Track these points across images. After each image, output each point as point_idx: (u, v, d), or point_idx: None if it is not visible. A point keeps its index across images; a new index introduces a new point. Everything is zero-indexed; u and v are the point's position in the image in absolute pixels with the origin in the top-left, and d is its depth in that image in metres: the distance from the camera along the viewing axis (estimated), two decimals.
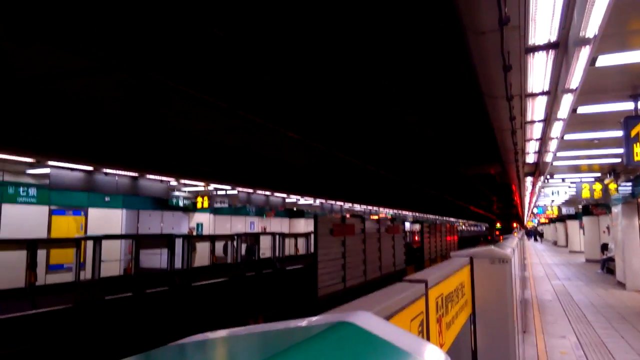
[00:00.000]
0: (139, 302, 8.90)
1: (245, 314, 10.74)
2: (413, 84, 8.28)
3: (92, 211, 14.73)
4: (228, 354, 0.61)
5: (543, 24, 4.33)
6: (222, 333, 0.68)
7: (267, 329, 0.65)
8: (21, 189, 12.53)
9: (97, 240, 8.89)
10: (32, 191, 12.80)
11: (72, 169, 10.71)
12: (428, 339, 1.42)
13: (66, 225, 13.83)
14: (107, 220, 15.33)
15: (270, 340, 0.62)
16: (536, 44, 4.80)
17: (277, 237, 14.98)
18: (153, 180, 13.65)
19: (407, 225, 31.88)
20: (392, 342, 0.58)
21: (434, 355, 0.59)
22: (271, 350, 0.50)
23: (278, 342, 0.58)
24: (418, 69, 7.57)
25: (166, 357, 0.59)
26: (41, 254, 9.06)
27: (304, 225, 27.52)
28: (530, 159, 12.19)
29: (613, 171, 12.74)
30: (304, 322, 0.67)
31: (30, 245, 7.59)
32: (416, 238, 26.52)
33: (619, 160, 10.74)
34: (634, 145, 5.84)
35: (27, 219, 12.52)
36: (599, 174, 13.91)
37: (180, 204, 18.20)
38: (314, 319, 0.68)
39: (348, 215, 17.18)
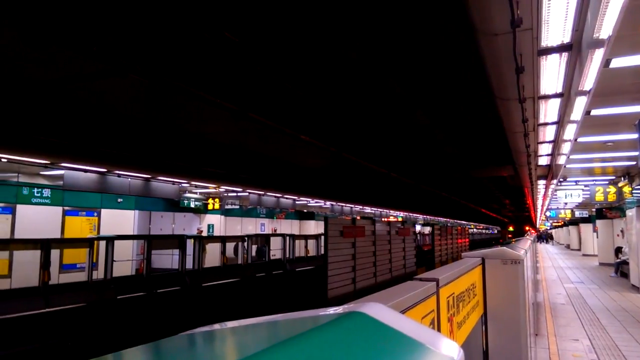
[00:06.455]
0: (151, 302, 8.98)
1: (255, 314, 10.77)
2: (425, 86, 8.26)
3: (104, 212, 14.91)
4: (242, 340, 0.62)
5: (556, 25, 4.30)
6: (235, 323, 0.69)
7: (280, 319, 0.66)
8: (35, 190, 12.72)
9: (110, 240, 8.99)
10: (46, 192, 12.99)
11: (85, 171, 10.83)
12: None
13: (79, 226, 14.00)
14: (120, 221, 15.49)
15: (283, 328, 0.63)
16: (549, 46, 4.77)
17: (288, 238, 15.01)
18: (165, 182, 13.75)
19: (418, 227, 31.69)
20: (404, 332, 0.59)
21: (447, 346, 0.59)
22: (285, 337, 0.51)
23: (291, 330, 0.59)
24: (430, 71, 7.55)
25: (186, 343, 0.60)
26: (54, 253, 9.17)
27: (314, 227, 27.50)
28: (543, 161, 12.08)
29: (627, 174, 12.57)
30: (316, 313, 0.68)
31: (44, 245, 7.70)
32: (427, 240, 26.36)
33: (633, 163, 10.60)
34: None
35: (41, 219, 12.70)
36: (613, 177, 13.74)
37: (192, 205, 18.33)
38: (326, 310, 0.69)
39: (358, 218, 17.14)
